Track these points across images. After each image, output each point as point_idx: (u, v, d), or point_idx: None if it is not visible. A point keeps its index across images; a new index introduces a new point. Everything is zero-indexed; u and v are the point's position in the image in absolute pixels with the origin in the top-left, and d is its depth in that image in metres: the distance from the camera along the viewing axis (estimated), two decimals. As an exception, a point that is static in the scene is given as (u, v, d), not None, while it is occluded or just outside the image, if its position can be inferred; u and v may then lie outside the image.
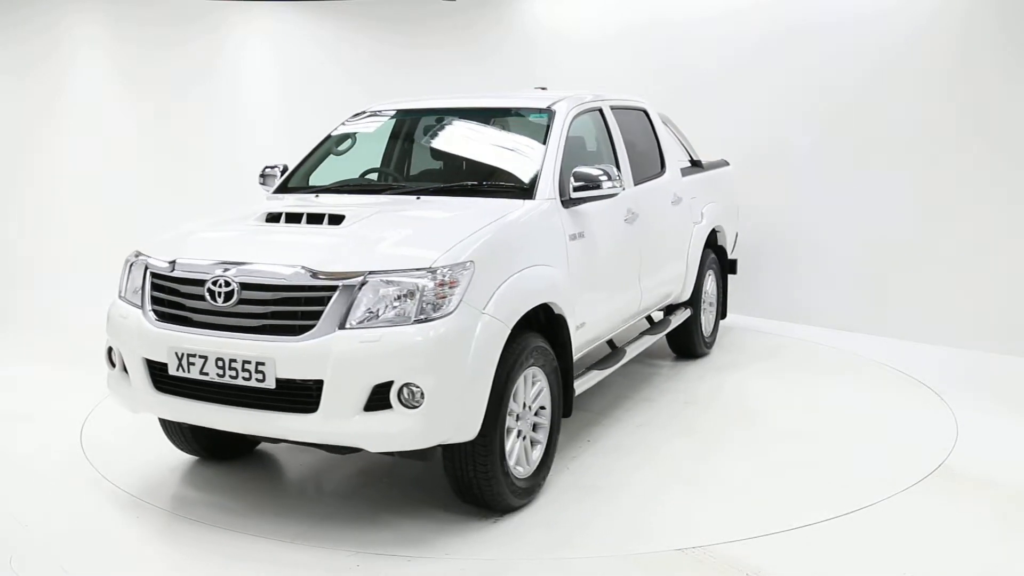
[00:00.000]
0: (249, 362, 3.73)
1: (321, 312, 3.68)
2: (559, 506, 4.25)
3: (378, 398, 3.65)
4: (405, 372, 3.62)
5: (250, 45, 9.96)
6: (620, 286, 5.30)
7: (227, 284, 3.82)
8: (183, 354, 3.86)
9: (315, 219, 4.29)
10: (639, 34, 8.87)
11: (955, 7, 6.92)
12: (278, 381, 3.70)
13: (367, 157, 5.64)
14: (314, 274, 3.73)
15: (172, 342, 3.90)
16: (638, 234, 5.44)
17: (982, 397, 5.80)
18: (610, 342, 5.54)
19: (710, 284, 6.88)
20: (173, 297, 4.01)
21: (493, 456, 3.89)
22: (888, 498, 4.25)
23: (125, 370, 4.18)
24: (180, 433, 4.67)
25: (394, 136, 5.71)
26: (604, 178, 4.62)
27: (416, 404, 3.64)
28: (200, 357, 3.83)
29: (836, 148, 7.57)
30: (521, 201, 4.50)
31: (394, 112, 5.66)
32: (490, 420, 3.84)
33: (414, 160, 5.64)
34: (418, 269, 3.71)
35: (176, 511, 4.25)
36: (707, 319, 6.85)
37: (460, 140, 5.46)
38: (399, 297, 3.67)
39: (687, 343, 6.68)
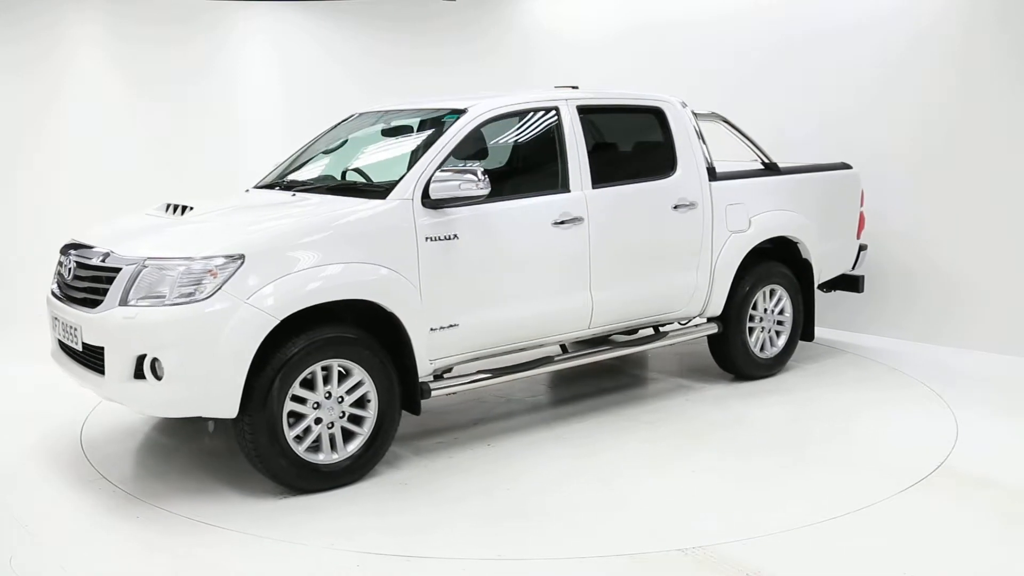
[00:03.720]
0: (71, 327, 4.51)
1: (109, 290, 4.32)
2: (365, 497, 4.39)
3: (140, 368, 4.17)
4: (152, 347, 4.13)
5: (250, 44, 9.94)
6: (542, 293, 5.11)
7: (71, 262, 4.63)
8: (54, 318, 4.76)
9: (183, 210, 4.89)
10: (639, 35, 8.87)
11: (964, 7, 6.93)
12: (83, 345, 4.41)
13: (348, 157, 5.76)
14: (113, 257, 4.41)
15: (52, 308, 4.79)
16: (586, 239, 5.22)
17: (982, 397, 5.79)
18: (564, 348, 5.43)
19: (778, 302, 6.27)
20: (61, 272, 4.81)
21: (259, 436, 4.23)
22: (888, 498, 4.26)
23: None
24: None
25: (344, 137, 5.84)
26: (466, 179, 4.60)
27: (161, 377, 4.11)
28: (58, 321, 4.70)
29: (836, 148, 7.56)
30: (367, 201, 4.66)
31: (360, 115, 5.88)
32: (257, 402, 4.18)
33: (338, 160, 5.67)
34: (180, 258, 4.20)
35: (176, 510, 4.25)
36: (762, 338, 6.21)
37: (378, 142, 5.60)
38: (162, 281, 4.16)
39: (728, 363, 6.16)
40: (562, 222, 5.14)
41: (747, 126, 6.51)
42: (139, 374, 4.16)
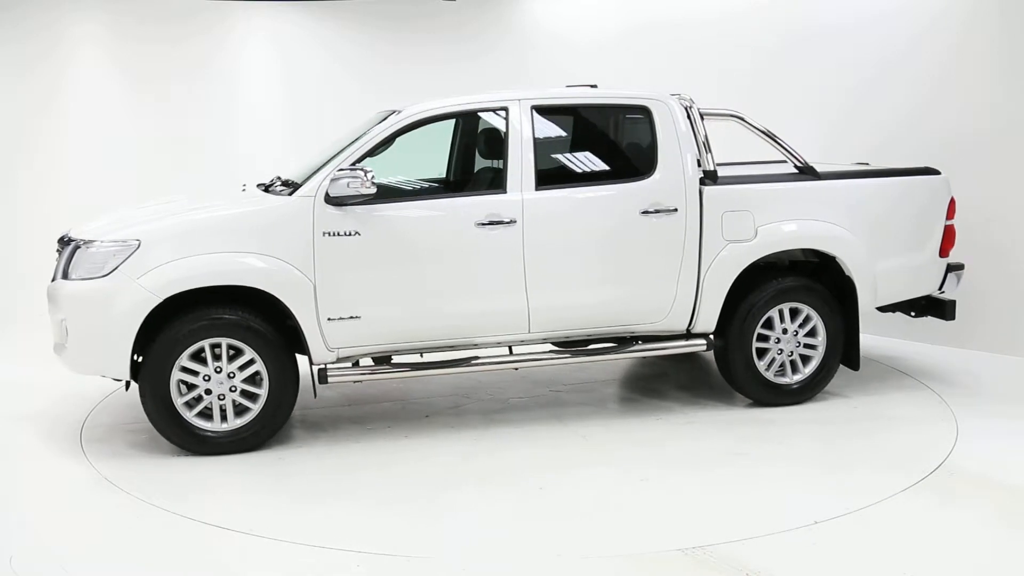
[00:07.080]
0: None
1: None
2: (241, 467, 4.81)
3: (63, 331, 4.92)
4: (65, 314, 4.87)
5: (250, 43, 9.93)
6: (462, 293, 5.11)
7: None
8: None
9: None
10: (638, 35, 8.87)
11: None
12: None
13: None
14: (65, 239, 5.08)
15: None
16: (519, 242, 5.11)
17: (982, 397, 5.80)
18: (510, 349, 5.40)
19: (805, 322, 5.56)
20: None
21: (148, 399, 4.88)
22: (888, 498, 4.26)
23: None
24: None
25: (342, 137, 5.81)
26: (353, 178, 4.86)
27: (69, 339, 4.87)
28: None
29: (835, 148, 7.56)
30: (276, 198, 5.07)
31: (376, 114, 5.84)
32: (147, 369, 4.84)
33: (314, 160, 5.64)
34: (90, 240, 4.89)
35: (176, 511, 4.25)
36: (779, 361, 5.57)
37: (333, 142, 5.67)
38: (83, 259, 4.85)
39: (735, 385, 5.64)
40: (489, 223, 5.09)
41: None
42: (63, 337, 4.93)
